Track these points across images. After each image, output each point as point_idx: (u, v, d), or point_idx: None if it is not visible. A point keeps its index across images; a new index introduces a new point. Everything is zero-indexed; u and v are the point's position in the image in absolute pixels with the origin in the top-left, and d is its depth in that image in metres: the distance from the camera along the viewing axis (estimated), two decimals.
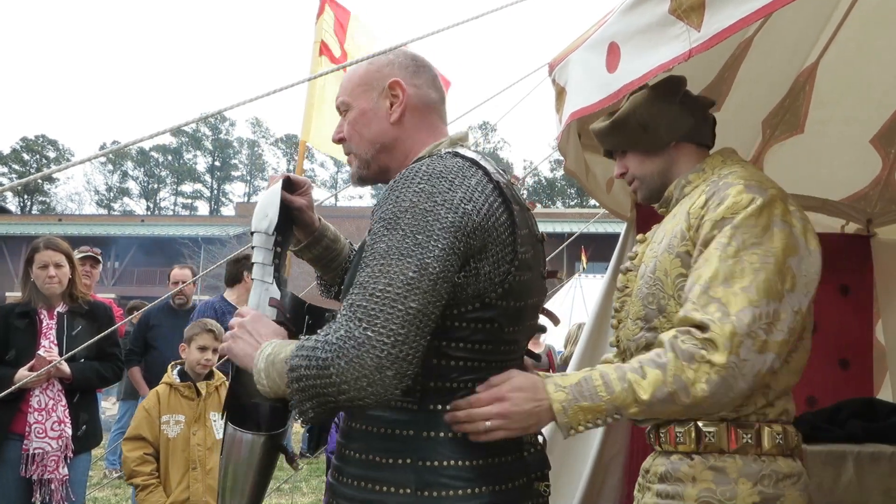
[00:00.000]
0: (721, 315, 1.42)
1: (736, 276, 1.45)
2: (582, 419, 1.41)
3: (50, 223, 35.15)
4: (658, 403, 1.41)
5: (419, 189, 1.34)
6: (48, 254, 3.53)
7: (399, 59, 1.59)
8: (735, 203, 1.51)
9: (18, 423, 3.39)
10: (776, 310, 1.44)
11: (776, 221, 1.50)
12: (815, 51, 2.80)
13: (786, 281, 1.47)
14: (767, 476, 1.50)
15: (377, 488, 1.38)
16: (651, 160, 1.75)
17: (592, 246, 18.29)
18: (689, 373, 1.40)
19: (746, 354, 1.40)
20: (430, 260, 1.29)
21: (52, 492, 3.37)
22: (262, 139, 61.45)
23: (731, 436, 1.52)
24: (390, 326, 1.26)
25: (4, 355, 3.46)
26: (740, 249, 1.47)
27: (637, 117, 1.72)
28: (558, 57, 2.36)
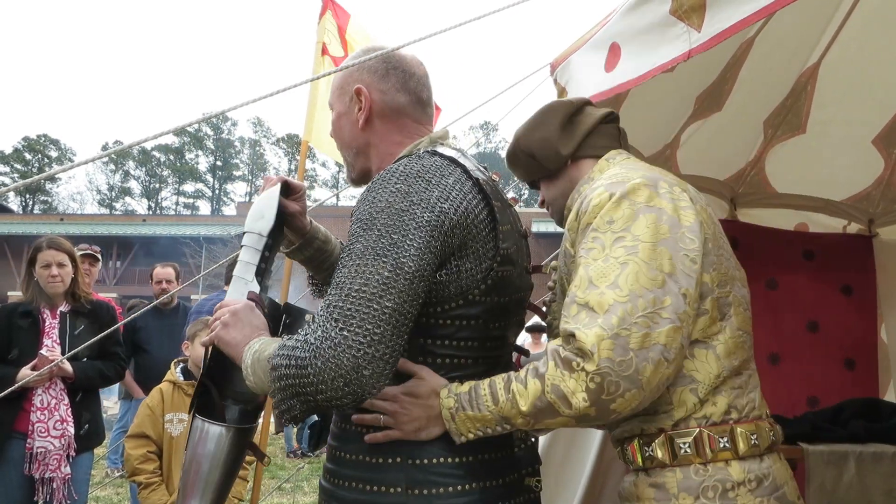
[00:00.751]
0: (589, 320, 1.33)
1: (601, 276, 1.37)
2: (470, 427, 1.39)
3: (52, 223, 35.19)
4: (540, 414, 1.34)
5: (395, 189, 1.35)
6: (51, 253, 3.54)
7: (370, 62, 1.59)
8: (596, 206, 1.45)
9: (21, 422, 3.40)
10: (655, 298, 1.34)
11: (640, 209, 1.42)
12: (816, 51, 2.79)
13: (663, 266, 1.37)
14: (711, 487, 1.39)
15: (368, 488, 1.39)
16: (554, 184, 1.75)
17: None
18: (568, 382, 1.31)
19: (621, 354, 1.30)
20: (405, 259, 1.29)
21: (53, 490, 3.38)
22: (263, 139, 61.55)
23: (668, 447, 1.42)
24: (366, 326, 1.25)
25: (7, 354, 3.48)
26: (604, 248, 1.40)
27: (522, 148, 1.74)
28: (560, 57, 2.36)
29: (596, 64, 1.99)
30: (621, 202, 1.42)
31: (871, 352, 3.23)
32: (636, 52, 1.80)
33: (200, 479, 1.57)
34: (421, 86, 1.60)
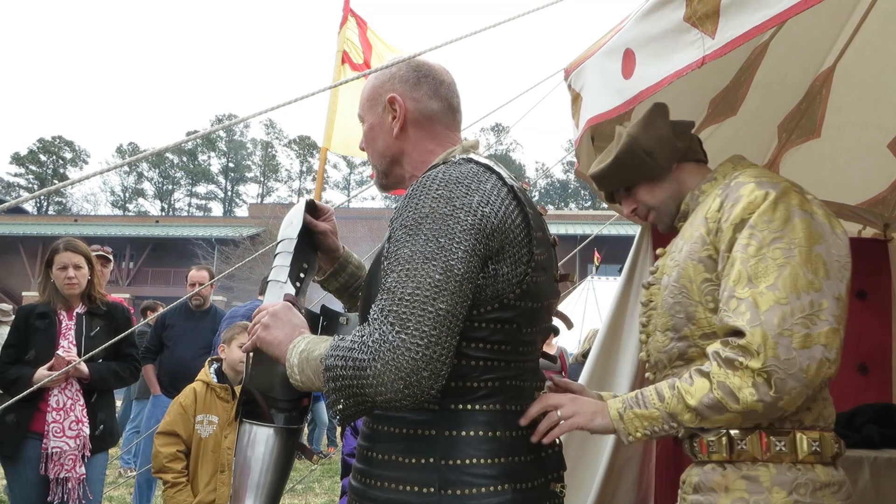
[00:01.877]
0: (751, 317, 1.41)
1: (760, 275, 1.43)
2: (639, 425, 1.49)
3: (66, 223, 35.48)
4: (707, 410, 1.43)
5: (437, 195, 1.38)
6: (68, 255, 3.57)
7: (401, 72, 1.61)
8: (749, 202, 1.50)
9: (37, 423, 3.43)
10: (814, 301, 1.41)
11: (795, 211, 1.47)
12: (831, 55, 2.78)
13: (818, 270, 1.43)
14: (803, 485, 1.46)
15: (401, 488, 1.40)
16: (660, 187, 1.77)
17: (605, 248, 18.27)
18: (733, 379, 1.40)
19: (786, 354, 1.37)
20: (454, 262, 1.32)
21: (68, 490, 3.41)
22: (275, 140, 61.74)
23: (763, 443, 1.48)
24: (422, 329, 1.29)
25: (24, 355, 3.51)
26: (762, 247, 1.45)
27: (640, 146, 1.73)
28: (574, 63, 2.36)
29: (612, 70, 1.99)
30: (778, 203, 1.47)
31: (886, 357, 3.21)
32: (650, 58, 1.81)
33: (253, 483, 1.59)
34: (451, 92, 1.63)
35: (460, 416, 1.42)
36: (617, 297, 2.98)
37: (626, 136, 1.76)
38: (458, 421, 1.41)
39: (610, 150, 1.84)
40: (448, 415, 1.42)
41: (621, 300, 2.94)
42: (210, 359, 3.74)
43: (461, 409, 1.42)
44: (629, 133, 1.76)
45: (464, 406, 1.42)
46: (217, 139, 60.28)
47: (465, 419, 1.41)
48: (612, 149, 1.83)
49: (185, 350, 5.28)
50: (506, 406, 1.45)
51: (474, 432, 1.41)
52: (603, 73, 2.08)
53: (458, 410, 1.42)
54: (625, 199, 1.84)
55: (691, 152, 1.77)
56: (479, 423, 1.42)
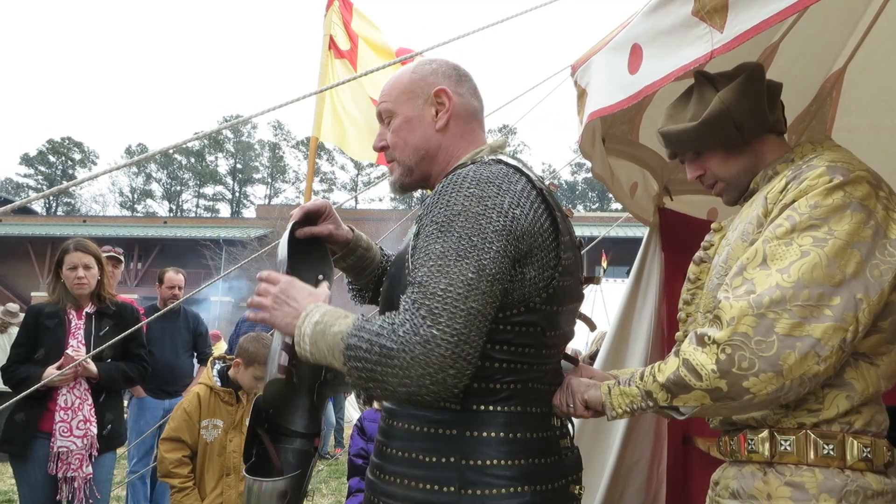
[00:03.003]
0: (743, 293, 1.33)
1: (777, 258, 1.34)
2: (621, 402, 1.47)
3: (74, 224, 35.61)
4: (675, 387, 1.38)
5: (469, 193, 1.38)
6: (78, 255, 3.59)
7: (442, 67, 1.63)
8: (810, 185, 1.39)
9: (46, 422, 3.44)
10: (823, 293, 1.30)
11: (852, 203, 1.35)
12: (842, 57, 2.77)
13: (847, 266, 1.32)
14: (853, 492, 1.35)
15: (420, 486, 1.41)
16: (736, 159, 1.62)
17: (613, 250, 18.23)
18: (699, 356, 1.34)
19: (762, 334, 1.29)
20: (486, 262, 1.32)
21: (75, 490, 3.42)
22: (283, 142, 61.86)
23: (811, 445, 1.39)
24: (454, 326, 1.28)
25: (34, 354, 3.53)
26: (792, 230, 1.35)
27: (732, 115, 1.56)
28: (581, 59, 2.35)
29: (618, 66, 1.98)
30: (836, 190, 1.37)
31: None
32: (658, 53, 1.80)
33: None
34: (479, 94, 1.67)
35: (481, 416, 1.42)
36: (625, 298, 2.97)
37: (719, 102, 1.57)
38: (479, 422, 1.42)
39: (684, 106, 1.67)
40: (469, 415, 1.42)
41: (629, 302, 2.93)
42: (212, 358, 3.73)
43: (482, 410, 1.42)
44: (723, 98, 1.57)
45: (485, 407, 1.42)
46: (225, 140, 60.48)
47: (487, 420, 1.42)
48: (689, 104, 1.65)
49: (165, 351, 5.36)
50: (527, 408, 1.46)
51: (495, 433, 1.41)
52: (608, 68, 2.07)
53: (480, 411, 1.42)
54: (692, 162, 1.68)
55: (777, 123, 1.62)
56: (500, 425, 1.42)
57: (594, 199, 59.02)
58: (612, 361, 2.88)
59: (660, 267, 2.90)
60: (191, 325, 5.64)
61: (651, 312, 2.85)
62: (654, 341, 2.82)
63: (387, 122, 1.64)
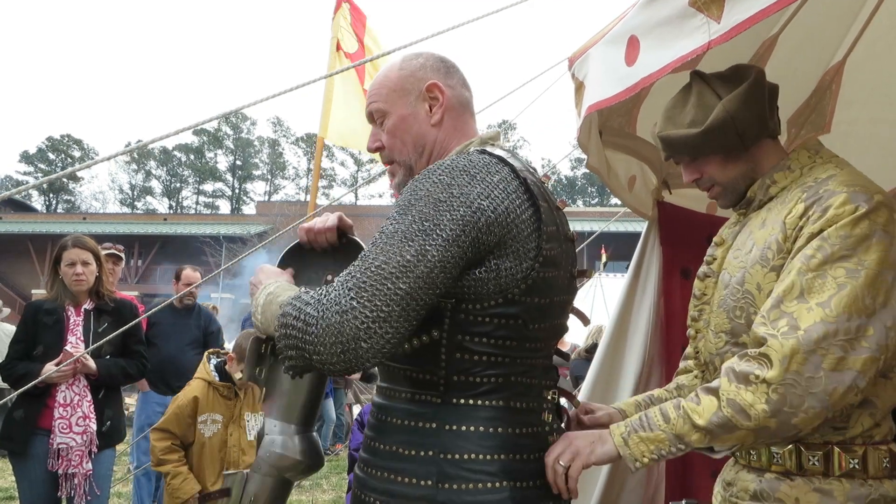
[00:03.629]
0: (788, 330, 1.35)
1: (814, 291, 1.37)
2: (644, 450, 1.42)
3: (75, 221, 35.63)
4: (718, 429, 1.37)
5: (438, 180, 1.38)
6: (76, 252, 3.58)
7: (430, 61, 1.61)
8: (836, 215, 1.40)
9: (45, 419, 3.45)
10: (860, 325, 1.35)
11: (877, 232, 1.39)
12: (841, 49, 2.75)
13: (878, 295, 1.36)
14: (876, 501, 1.43)
15: (399, 479, 1.41)
16: (734, 164, 1.62)
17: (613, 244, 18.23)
18: (745, 395, 1.35)
19: (812, 371, 1.32)
20: (430, 247, 1.31)
21: (75, 486, 3.42)
22: (282, 138, 61.80)
23: (838, 460, 1.44)
24: (375, 302, 1.29)
25: (32, 351, 3.53)
26: (825, 262, 1.38)
27: (735, 125, 1.55)
28: (578, 52, 2.34)
29: (615, 58, 1.97)
30: (863, 220, 1.39)
31: None
32: (655, 44, 1.78)
33: None
34: (468, 84, 1.66)
35: (462, 410, 1.41)
36: (624, 292, 2.96)
37: (723, 110, 1.55)
38: (459, 415, 1.41)
39: (681, 108, 1.64)
40: (450, 409, 1.41)
41: (628, 296, 2.92)
42: (208, 353, 3.73)
43: (463, 404, 1.41)
44: (727, 108, 1.55)
45: (466, 401, 1.41)
46: (224, 137, 60.45)
47: (467, 414, 1.41)
48: (687, 107, 1.63)
49: (172, 347, 5.37)
50: (510, 403, 1.44)
51: (475, 427, 1.40)
52: (606, 60, 2.06)
53: (461, 405, 1.41)
54: (688, 166, 1.68)
55: (775, 127, 1.63)
56: (481, 419, 1.41)
57: (594, 193, 59.00)
58: (611, 356, 2.87)
59: (658, 261, 2.89)
60: (203, 322, 5.66)
61: (650, 306, 2.84)
62: (652, 335, 2.81)
63: (379, 122, 1.61)
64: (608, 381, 2.82)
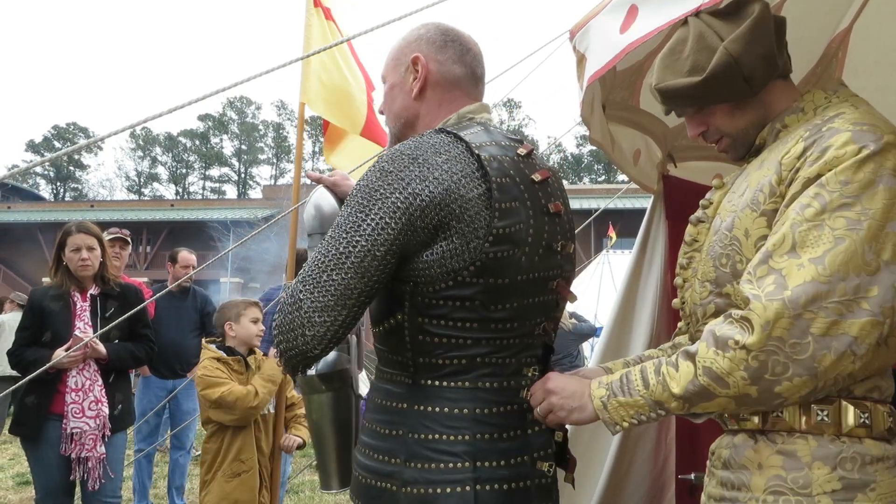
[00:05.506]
0: (774, 290, 1.20)
1: (808, 245, 1.21)
2: (624, 414, 1.35)
3: (82, 209, 35.77)
4: (695, 397, 1.27)
5: (380, 167, 1.40)
6: (80, 237, 3.59)
7: (429, 33, 1.59)
8: (837, 157, 1.24)
9: (57, 404, 3.47)
10: (860, 285, 1.18)
11: (884, 176, 1.22)
12: (847, 16, 2.71)
13: (884, 250, 1.20)
14: (850, 459, 1.25)
15: (375, 456, 1.45)
16: (743, 112, 1.45)
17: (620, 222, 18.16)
18: (721, 362, 1.23)
19: (798, 337, 1.18)
20: (358, 237, 1.36)
21: (89, 469, 3.46)
22: (287, 122, 61.65)
23: (803, 412, 1.28)
24: (315, 293, 1.36)
25: (40, 338, 3.55)
26: (822, 212, 1.22)
27: (740, 68, 1.39)
28: (579, 23, 2.31)
29: (612, 27, 1.94)
30: (867, 162, 1.22)
31: None
32: (652, 11, 1.75)
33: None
34: (476, 61, 1.62)
35: (429, 391, 1.43)
36: (630, 268, 2.94)
37: (726, 53, 1.39)
38: (426, 396, 1.43)
39: (679, 53, 1.47)
40: (419, 390, 1.44)
41: (634, 271, 2.91)
42: (205, 341, 3.71)
43: (430, 385, 1.43)
44: (729, 49, 1.39)
45: (433, 382, 1.43)
46: (229, 122, 60.38)
47: (434, 395, 1.42)
48: (686, 52, 1.46)
49: (172, 330, 5.38)
50: (478, 383, 1.42)
51: (440, 408, 1.41)
52: (603, 31, 2.03)
53: (428, 386, 1.43)
54: (692, 118, 1.52)
55: (785, 67, 1.45)
56: (447, 400, 1.41)
57: (600, 171, 58.69)
58: (619, 330, 2.87)
59: (665, 235, 2.87)
60: (199, 304, 5.66)
61: (656, 281, 2.82)
62: (659, 311, 2.80)
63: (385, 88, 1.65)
64: (616, 356, 2.82)
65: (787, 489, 1.26)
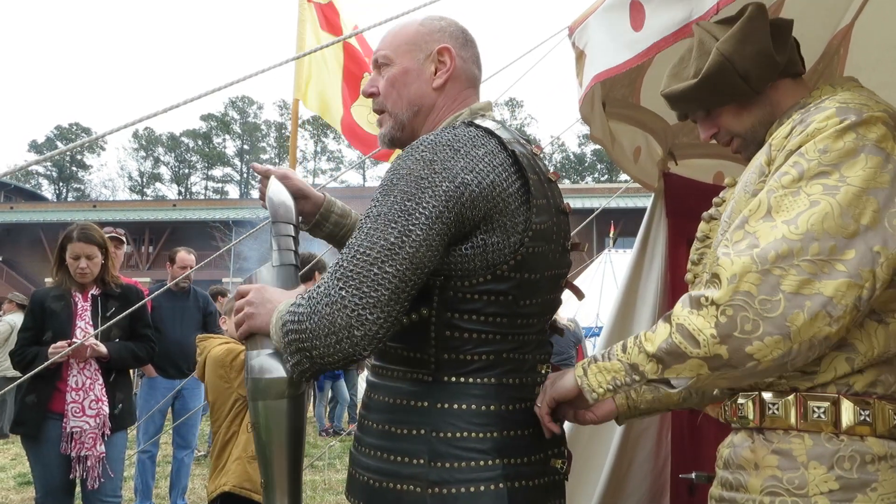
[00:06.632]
0: (745, 248, 1.19)
1: (783, 209, 1.20)
2: (602, 380, 1.31)
3: (85, 210, 35.82)
4: (667, 357, 1.22)
5: (420, 156, 1.35)
6: (80, 246, 3.59)
7: (451, 27, 1.59)
8: (818, 128, 1.24)
9: (57, 403, 3.48)
10: (837, 246, 1.16)
11: (867, 146, 1.21)
12: (849, 13, 2.69)
13: (863, 215, 1.18)
14: (848, 458, 1.22)
15: (392, 458, 1.40)
16: (749, 111, 1.48)
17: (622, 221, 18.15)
18: (695, 319, 1.19)
19: (767, 293, 1.15)
20: (413, 227, 1.29)
21: (88, 468, 3.46)
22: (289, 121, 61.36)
23: (799, 408, 1.26)
24: (363, 288, 1.27)
25: (41, 337, 3.56)
26: (800, 178, 1.21)
27: (734, 67, 1.41)
28: (578, 20, 2.30)
29: (620, 23, 1.92)
30: (847, 132, 1.22)
31: None
32: (661, 7, 1.74)
33: None
34: (481, 64, 1.64)
35: (453, 388, 1.39)
36: (631, 265, 2.93)
37: (717, 54, 1.42)
38: (451, 393, 1.39)
39: (686, 62, 1.53)
40: (441, 387, 1.40)
41: (635, 269, 2.90)
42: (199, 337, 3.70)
43: (454, 382, 1.40)
44: (721, 49, 1.42)
45: (457, 378, 1.40)
46: (232, 122, 60.46)
47: (459, 392, 1.39)
48: (691, 59, 1.51)
49: (176, 330, 5.38)
50: (502, 380, 1.42)
51: (466, 406, 1.38)
52: (610, 27, 2.01)
53: (452, 383, 1.40)
54: (703, 121, 1.55)
55: (790, 65, 1.46)
56: (473, 397, 1.39)
57: (603, 170, 58.66)
58: (619, 330, 2.86)
59: (665, 232, 2.86)
60: (201, 304, 5.69)
61: (657, 279, 2.81)
62: (660, 309, 2.79)
63: (381, 69, 1.58)
64: None
65: (783, 490, 1.24)
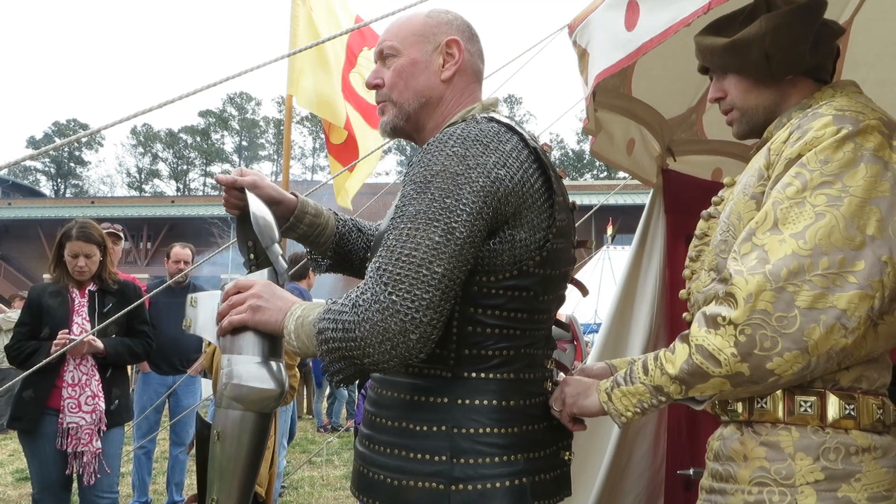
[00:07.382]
0: (756, 264, 1.22)
1: (790, 221, 1.23)
2: (627, 404, 1.36)
3: (83, 206, 35.73)
4: (690, 377, 1.27)
5: (452, 152, 1.33)
6: (78, 245, 3.59)
7: (457, 21, 1.59)
8: (816, 137, 1.27)
9: (54, 398, 3.48)
10: (846, 259, 1.19)
11: (865, 155, 1.24)
12: (848, 9, 2.69)
13: (868, 225, 1.21)
14: (833, 449, 1.26)
15: (412, 455, 1.38)
16: (759, 92, 1.48)
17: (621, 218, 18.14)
18: (713, 339, 1.23)
19: (783, 310, 1.18)
20: (456, 224, 1.28)
21: (84, 464, 3.46)
22: None
23: (786, 402, 1.30)
24: (415, 291, 1.25)
25: (38, 333, 3.56)
26: (804, 189, 1.24)
27: (764, 45, 1.41)
28: (578, 18, 2.30)
29: (616, 23, 1.93)
30: (845, 142, 1.25)
31: None
32: (655, 7, 1.74)
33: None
34: (485, 60, 1.64)
35: (473, 384, 1.39)
36: (629, 262, 2.93)
37: (758, 25, 1.41)
38: (470, 389, 1.38)
39: (733, 20, 1.50)
40: (461, 383, 1.39)
41: (634, 265, 2.90)
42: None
43: (474, 378, 1.39)
44: (764, 23, 1.41)
45: (477, 374, 1.39)
46: (230, 118, 60.39)
47: (479, 388, 1.38)
48: (737, 19, 1.49)
49: (173, 326, 5.34)
50: (519, 375, 1.43)
51: (487, 401, 1.38)
52: (607, 26, 2.01)
53: (472, 379, 1.39)
54: (715, 81, 1.55)
55: (818, 68, 1.47)
56: (493, 392, 1.39)
57: (602, 167, 58.63)
58: (618, 324, 2.86)
59: (664, 229, 2.86)
60: None
61: (655, 276, 2.81)
62: (658, 304, 2.79)
63: (386, 60, 1.57)
64: (615, 350, 2.81)
65: (771, 480, 1.28)
